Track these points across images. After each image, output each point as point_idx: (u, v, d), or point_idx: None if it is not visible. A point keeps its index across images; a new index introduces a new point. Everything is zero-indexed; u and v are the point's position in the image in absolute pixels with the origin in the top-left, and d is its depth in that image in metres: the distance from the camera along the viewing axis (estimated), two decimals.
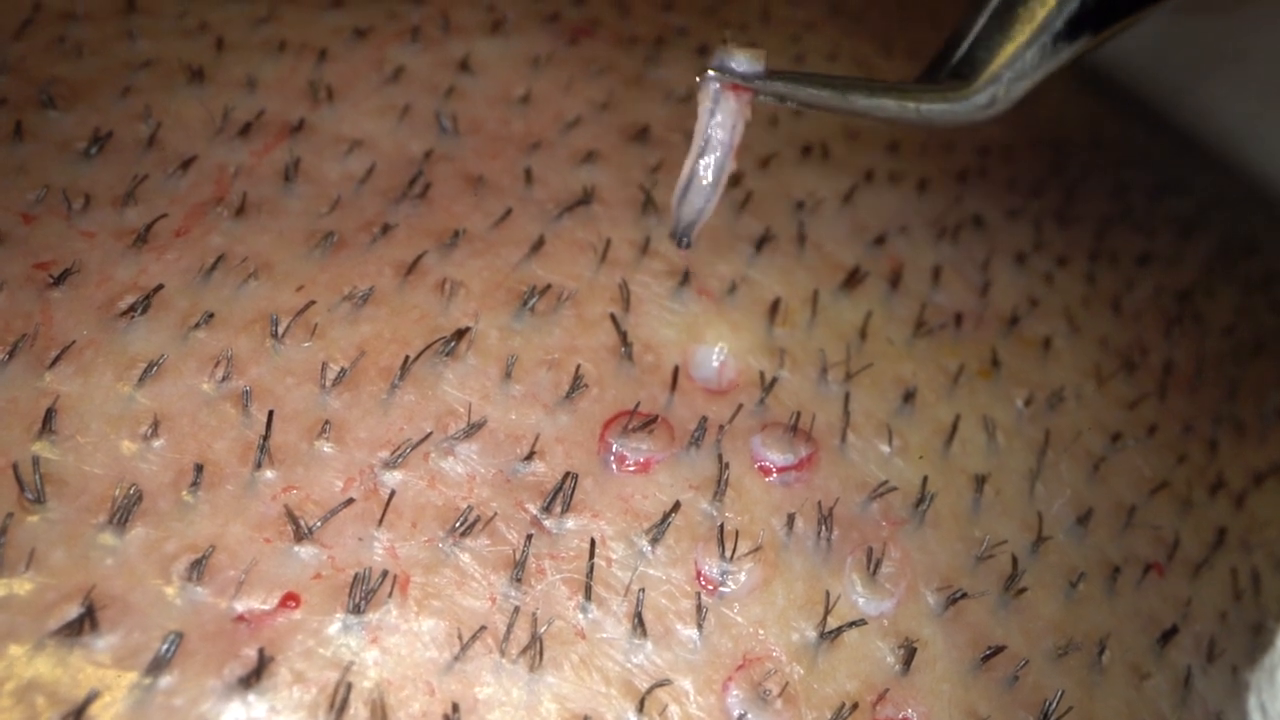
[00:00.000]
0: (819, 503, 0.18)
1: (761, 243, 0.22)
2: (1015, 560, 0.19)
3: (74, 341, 0.17)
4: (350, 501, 0.16)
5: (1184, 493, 0.22)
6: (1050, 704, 0.18)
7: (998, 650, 0.18)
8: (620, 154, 0.23)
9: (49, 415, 0.16)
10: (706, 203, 0.19)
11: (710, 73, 0.18)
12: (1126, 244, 0.27)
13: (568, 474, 0.17)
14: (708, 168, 0.19)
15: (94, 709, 0.14)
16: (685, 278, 0.21)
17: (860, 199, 0.24)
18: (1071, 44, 0.21)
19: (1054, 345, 0.23)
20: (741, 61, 0.18)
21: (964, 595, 0.18)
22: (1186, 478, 0.22)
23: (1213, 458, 0.23)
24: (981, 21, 0.21)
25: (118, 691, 0.14)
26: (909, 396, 0.20)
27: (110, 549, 0.15)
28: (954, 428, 0.20)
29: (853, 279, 0.22)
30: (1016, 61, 0.20)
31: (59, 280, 0.18)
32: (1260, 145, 0.34)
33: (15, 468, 0.16)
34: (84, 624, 0.15)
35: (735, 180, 0.23)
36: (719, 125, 0.18)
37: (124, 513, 0.16)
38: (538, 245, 0.20)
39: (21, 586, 0.15)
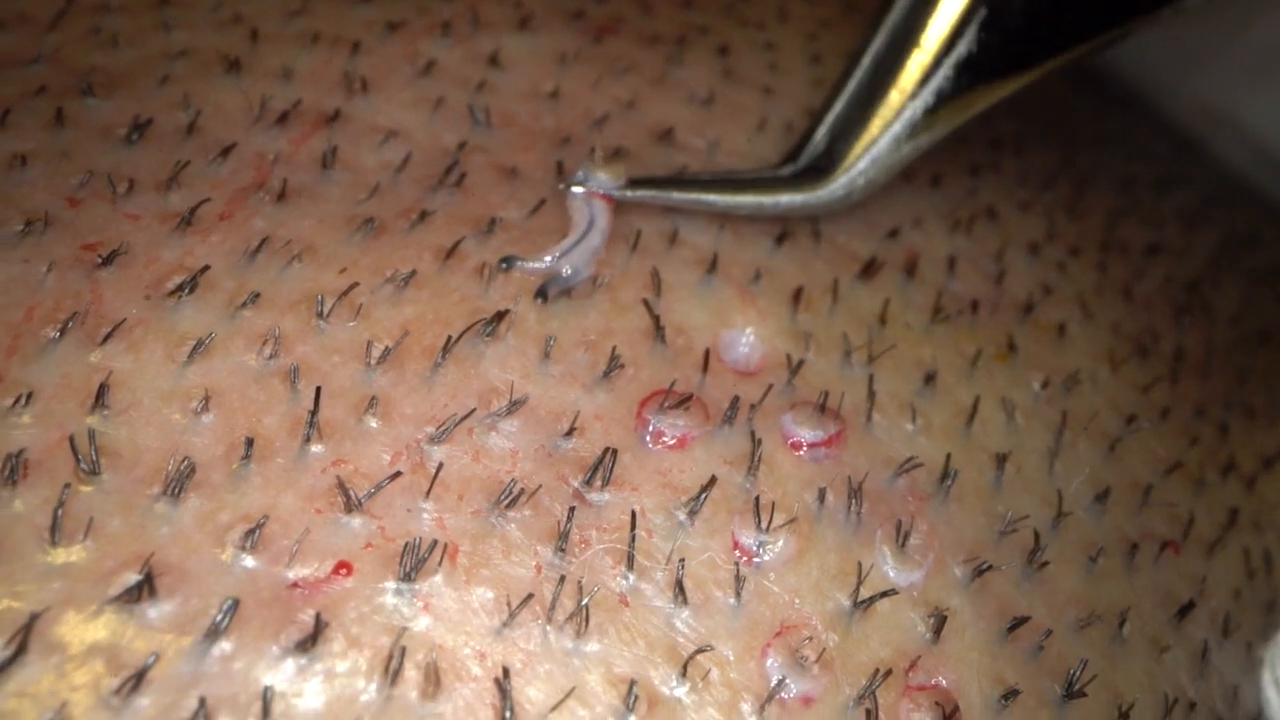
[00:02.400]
0: (848, 478, 0.19)
1: (781, 237, 0.22)
2: (1037, 535, 0.19)
3: (124, 320, 0.18)
4: (398, 474, 0.17)
5: (1197, 473, 0.23)
6: (1074, 673, 0.18)
7: (1023, 621, 0.18)
8: (648, 152, 0.23)
9: (101, 390, 0.17)
10: (574, 278, 0.20)
11: (575, 190, 0.21)
12: (1136, 235, 0.28)
13: (607, 449, 0.18)
14: (581, 256, 0.20)
15: (154, 673, 0.15)
16: (713, 266, 0.21)
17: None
18: (929, 132, 0.22)
19: (1068, 331, 0.24)
20: (602, 181, 0.21)
21: (989, 567, 0.18)
22: (1199, 459, 0.23)
23: (1224, 441, 0.24)
24: (838, 109, 0.22)
25: (177, 656, 0.15)
26: (929, 379, 0.21)
27: (166, 518, 0.16)
28: (974, 409, 0.21)
29: (869, 269, 0.22)
30: (872, 150, 0.22)
31: (107, 260, 0.18)
32: (1239, 130, 0.35)
33: (71, 440, 0.16)
34: (143, 590, 0.15)
35: None
36: (590, 230, 0.20)
37: (178, 484, 0.16)
38: None
39: (80, 555, 0.15)
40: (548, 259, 0.20)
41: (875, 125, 0.22)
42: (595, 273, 0.20)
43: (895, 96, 0.22)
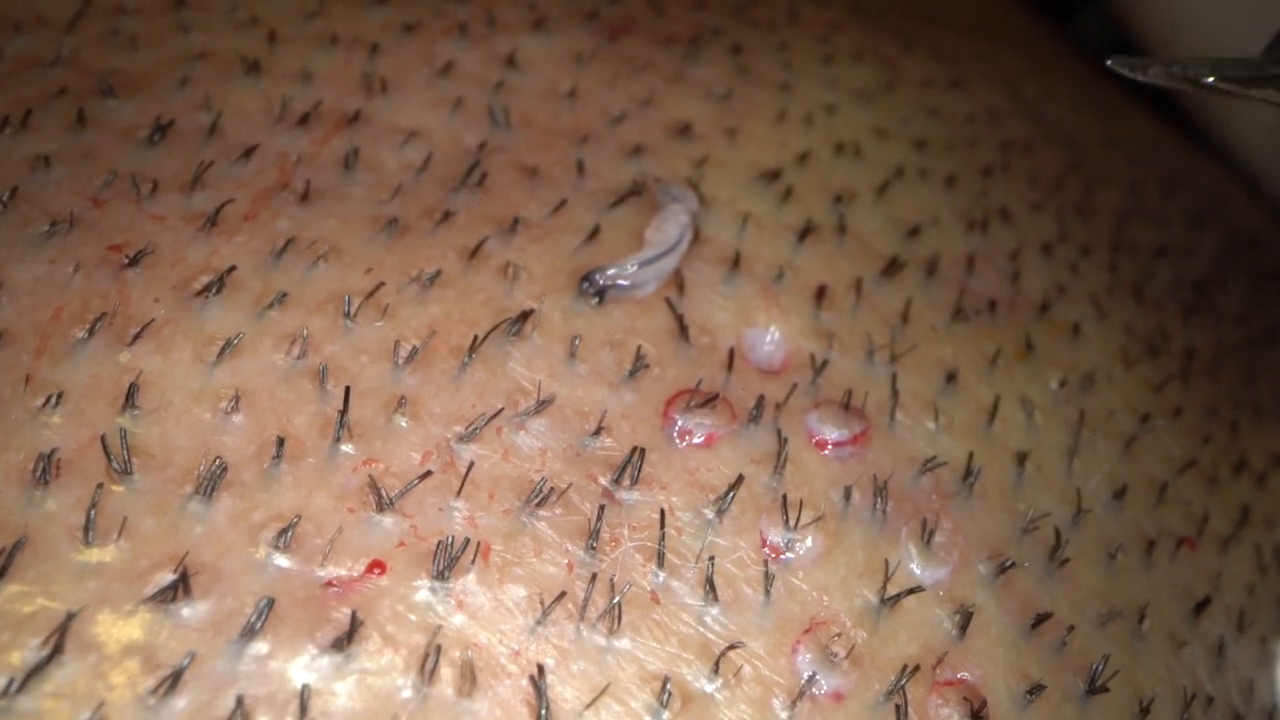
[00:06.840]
0: (873, 476, 0.19)
1: (804, 233, 0.23)
2: (1058, 532, 0.20)
3: (152, 320, 0.18)
4: (428, 473, 0.17)
5: (1210, 471, 0.23)
6: (1097, 668, 0.18)
7: (1046, 617, 0.18)
8: (666, 149, 0.24)
9: (131, 391, 0.17)
10: (634, 290, 0.20)
11: (676, 205, 0.21)
12: (1144, 236, 0.28)
13: (635, 448, 0.18)
14: (655, 271, 0.20)
15: (190, 672, 0.15)
16: (735, 264, 0.21)
17: (893, 193, 0.25)
18: None
19: (1083, 330, 0.24)
20: (693, 200, 0.22)
21: (1012, 564, 0.19)
22: (1212, 457, 0.23)
23: (1235, 439, 0.24)
24: None
25: (213, 655, 0.15)
26: (951, 377, 0.21)
27: (199, 518, 0.16)
28: (995, 407, 0.21)
29: (892, 267, 0.23)
30: None
31: (134, 261, 0.18)
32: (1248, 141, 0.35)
33: (103, 440, 0.16)
34: (178, 590, 0.15)
35: (774, 175, 0.24)
36: (674, 248, 0.20)
37: (210, 484, 0.16)
38: (594, 234, 0.21)
39: (115, 555, 0.15)
40: (630, 268, 0.20)
41: None
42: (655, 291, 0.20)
43: None
